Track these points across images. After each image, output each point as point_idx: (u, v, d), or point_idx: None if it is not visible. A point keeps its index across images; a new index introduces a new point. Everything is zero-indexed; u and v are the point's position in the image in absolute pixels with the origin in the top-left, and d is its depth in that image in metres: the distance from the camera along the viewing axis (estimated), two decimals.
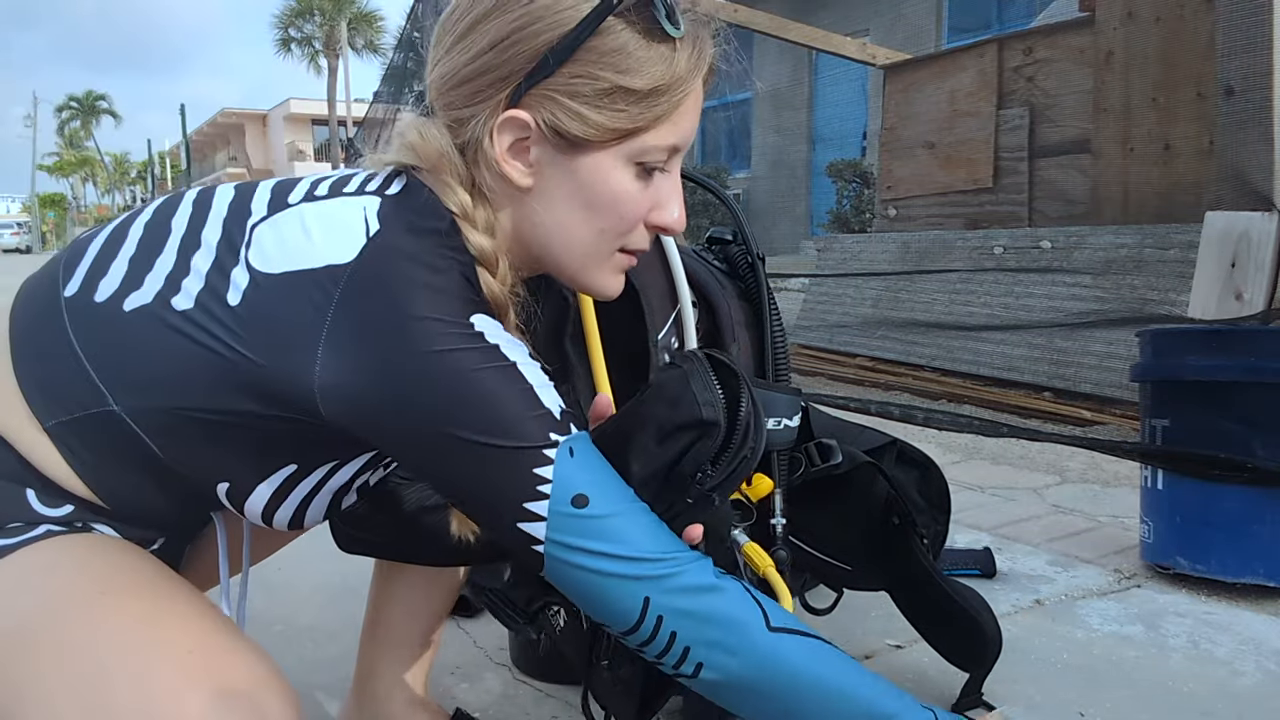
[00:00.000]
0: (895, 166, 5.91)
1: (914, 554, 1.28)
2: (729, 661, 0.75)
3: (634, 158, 0.79)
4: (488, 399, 0.71)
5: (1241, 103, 3.05)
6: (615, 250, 0.83)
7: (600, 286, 0.85)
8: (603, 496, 0.74)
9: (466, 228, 0.78)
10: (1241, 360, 1.75)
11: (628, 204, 0.80)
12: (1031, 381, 3.95)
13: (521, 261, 0.84)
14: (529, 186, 0.79)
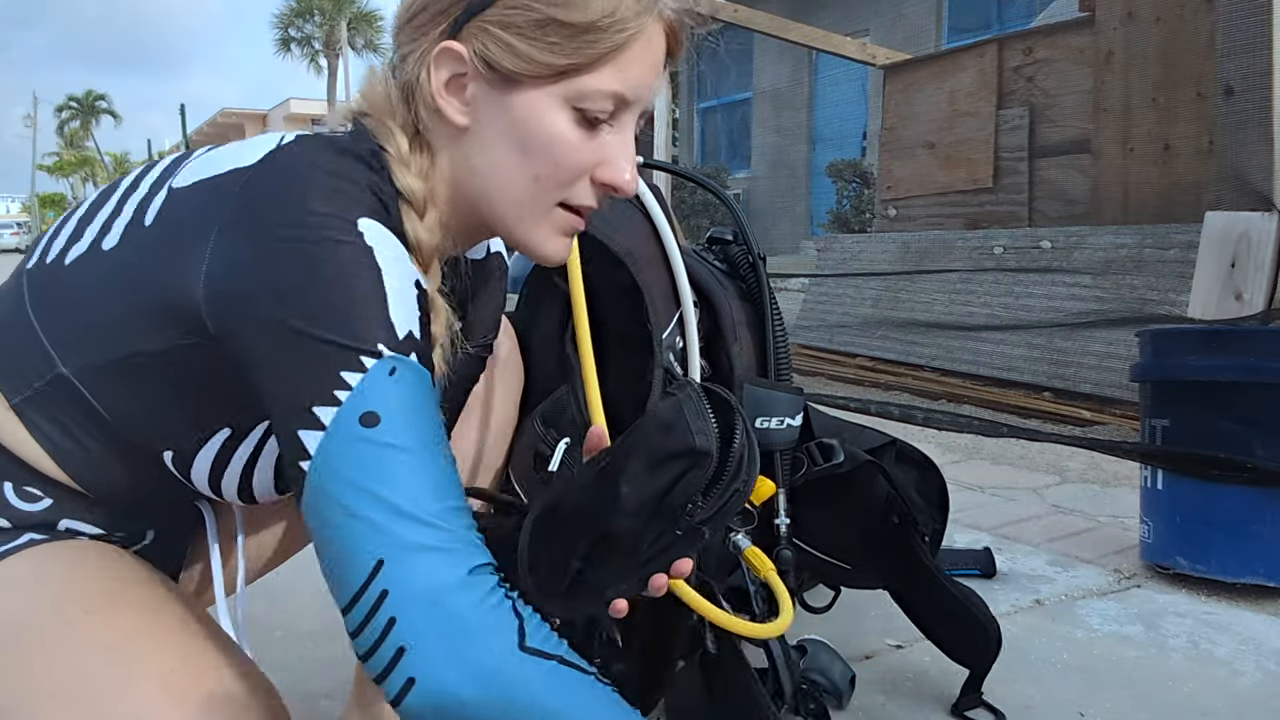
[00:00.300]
0: (895, 166, 5.91)
1: (914, 553, 1.28)
2: (450, 676, 0.60)
3: (572, 101, 0.74)
4: (331, 290, 0.66)
5: (1241, 103, 3.05)
6: (555, 204, 0.78)
7: (540, 246, 0.79)
8: (398, 426, 0.65)
9: (398, 167, 0.75)
10: (1241, 360, 1.75)
11: (564, 149, 0.75)
12: (1031, 381, 3.95)
13: (463, 215, 0.80)
14: (465, 125, 0.76)
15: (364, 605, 0.62)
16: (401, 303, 0.68)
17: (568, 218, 0.79)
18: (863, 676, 1.36)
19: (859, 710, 1.32)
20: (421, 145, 0.78)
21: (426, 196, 0.75)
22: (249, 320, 0.67)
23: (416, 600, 0.61)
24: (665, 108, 4.41)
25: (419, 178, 0.75)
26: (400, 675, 0.61)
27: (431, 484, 0.64)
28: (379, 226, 0.70)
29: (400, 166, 0.75)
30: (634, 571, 0.74)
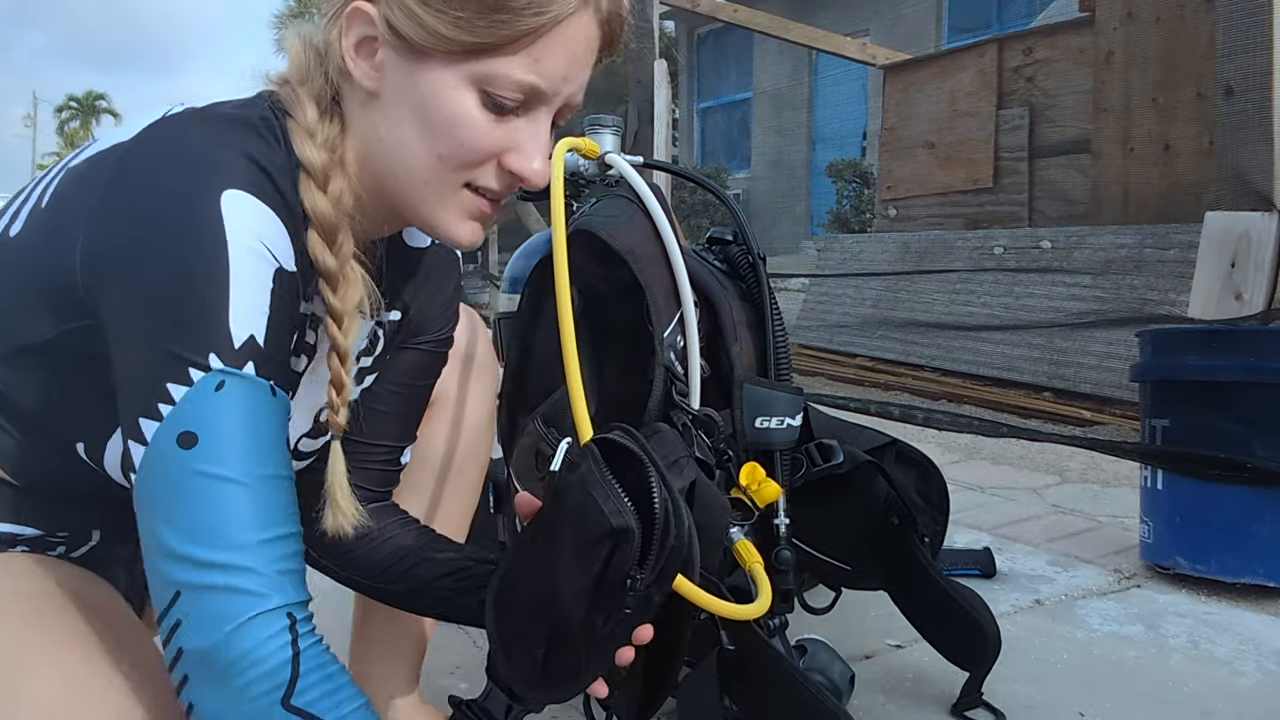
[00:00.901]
0: (895, 166, 5.91)
1: (914, 554, 1.28)
2: (215, 715, 0.61)
3: (479, 82, 0.71)
4: (171, 291, 0.64)
5: (1241, 103, 3.05)
6: (460, 186, 0.75)
7: (446, 228, 0.76)
8: (216, 449, 0.62)
9: (299, 136, 0.72)
10: (1241, 360, 1.75)
11: (467, 130, 0.72)
12: (1031, 381, 3.95)
13: (371, 188, 0.77)
14: (375, 91, 0.73)
15: (165, 628, 0.63)
16: (247, 301, 0.65)
17: (475, 201, 0.76)
18: (862, 676, 1.36)
19: (859, 710, 1.32)
20: (333, 113, 0.75)
21: (329, 166, 0.73)
22: (107, 311, 0.66)
23: (199, 638, 0.61)
24: (665, 108, 4.41)
25: (323, 148, 0.73)
26: (185, 699, 0.63)
27: (247, 514, 0.62)
28: (249, 201, 0.67)
29: (302, 136, 0.73)
30: (596, 654, 0.72)
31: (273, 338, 0.67)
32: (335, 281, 0.74)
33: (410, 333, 0.96)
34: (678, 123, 14.90)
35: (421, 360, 0.98)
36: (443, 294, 0.98)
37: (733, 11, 6.49)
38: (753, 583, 1.04)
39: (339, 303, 0.75)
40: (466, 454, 1.13)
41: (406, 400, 0.98)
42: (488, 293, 7.59)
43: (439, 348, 0.99)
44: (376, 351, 0.93)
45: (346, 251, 0.75)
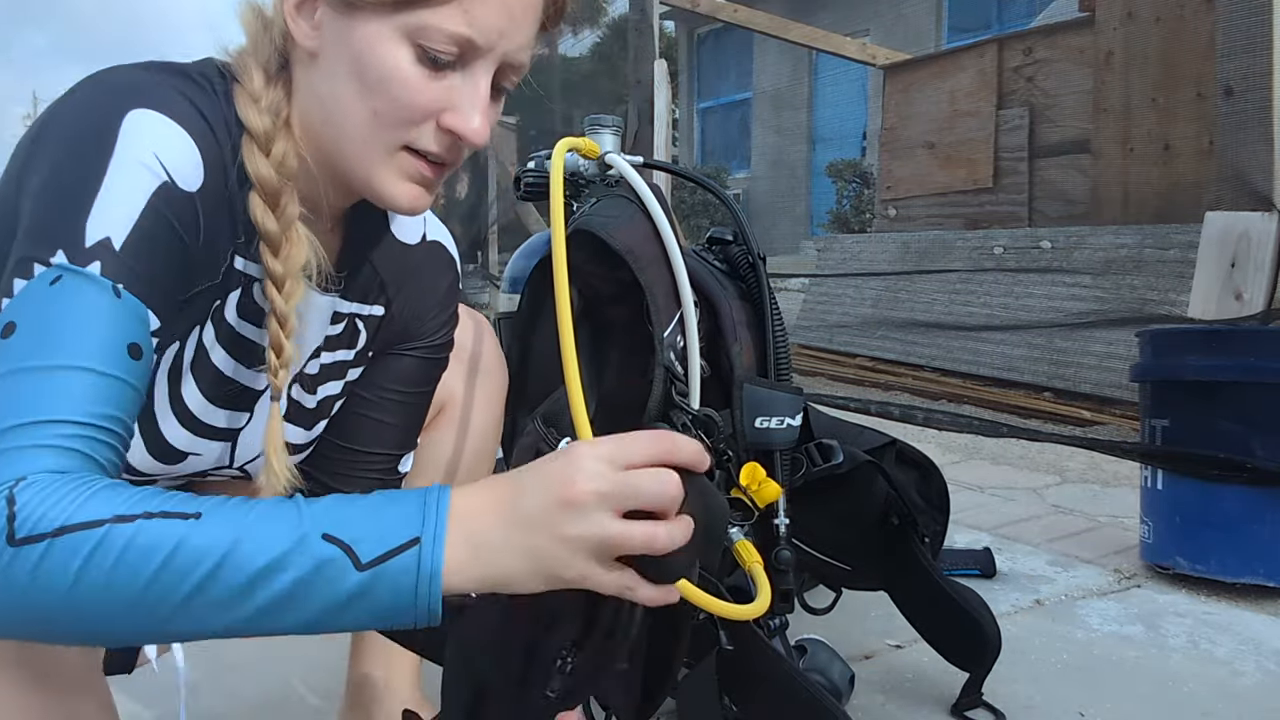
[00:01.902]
0: (895, 166, 5.91)
1: (914, 554, 1.28)
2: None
3: (412, 35, 0.70)
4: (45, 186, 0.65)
5: (1241, 103, 3.05)
6: (397, 146, 0.73)
7: (386, 190, 0.75)
8: (22, 344, 0.61)
9: (243, 101, 0.72)
10: (1241, 360, 1.75)
11: (400, 86, 0.70)
12: (1031, 381, 3.95)
13: (315, 152, 0.77)
14: (315, 51, 0.73)
15: None
16: (114, 207, 0.65)
17: (414, 163, 0.74)
18: (862, 676, 1.36)
19: (858, 710, 1.32)
20: (281, 78, 0.75)
21: (271, 130, 0.73)
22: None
23: None
24: (665, 108, 4.41)
25: (268, 112, 0.73)
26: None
27: (16, 404, 0.60)
28: (158, 119, 0.67)
29: (246, 101, 0.73)
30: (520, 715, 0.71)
31: (137, 247, 0.65)
32: (276, 244, 0.74)
33: (400, 335, 0.94)
34: (678, 123, 14.90)
35: (416, 366, 0.96)
36: (434, 295, 0.96)
37: (733, 11, 6.49)
38: (753, 583, 1.04)
39: (279, 265, 0.74)
40: (472, 460, 1.12)
41: (402, 407, 0.97)
42: (488, 293, 7.59)
43: (434, 354, 0.97)
44: (358, 345, 0.91)
45: (291, 214, 0.74)
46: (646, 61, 4.08)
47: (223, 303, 0.78)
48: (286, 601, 0.59)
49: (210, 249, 0.73)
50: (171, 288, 0.69)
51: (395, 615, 0.62)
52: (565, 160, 1.15)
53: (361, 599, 0.60)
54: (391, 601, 0.61)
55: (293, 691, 1.40)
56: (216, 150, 0.71)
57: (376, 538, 0.61)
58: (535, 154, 1.33)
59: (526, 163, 1.32)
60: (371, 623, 0.62)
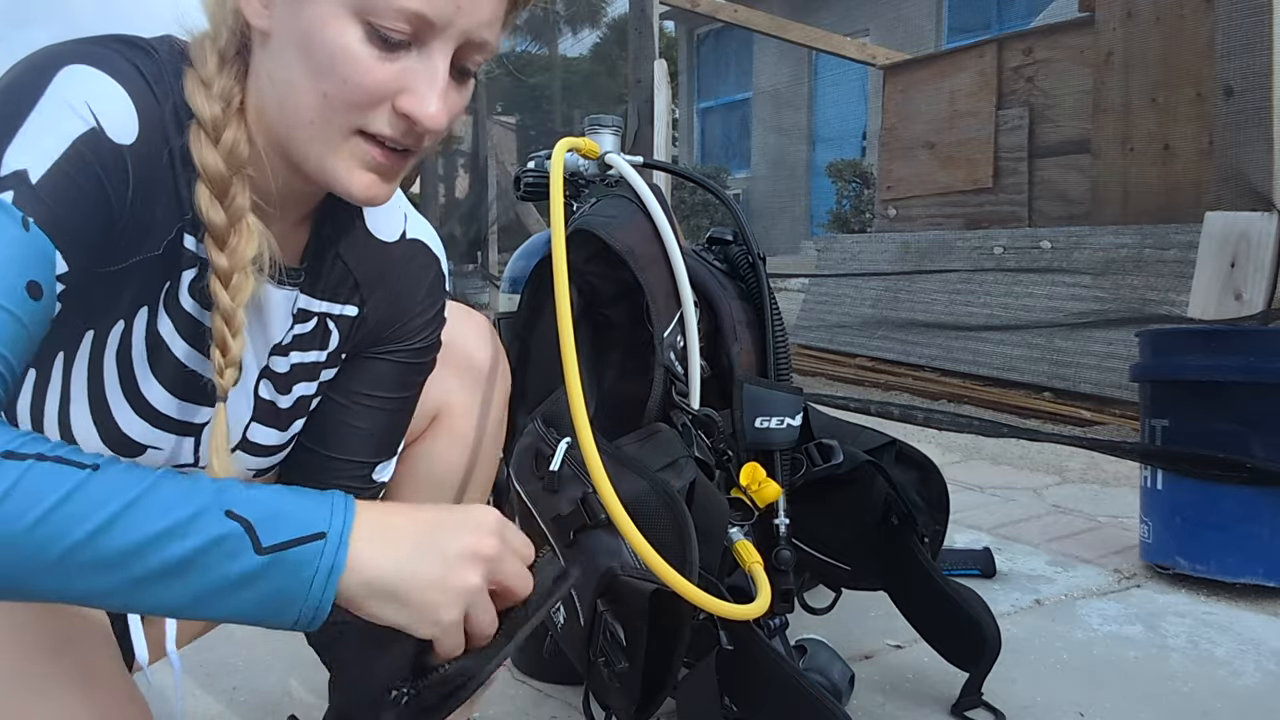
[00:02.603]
0: (895, 166, 5.91)
1: (913, 554, 1.28)
2: None
3: (361, 12, 0.66)
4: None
5: (1241, 103, 3.05)
6: (350, 131, 0.70)
7: (340, 178, 0.72)
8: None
9: (194, 89, 0.70)
10: (1241, 360, 1.75)
11: (350, 66, 0.67)
12: (1031, 381, 3.95)
13: (268, 137, 0.74)
14: (267, 31, 0.70)
15: None
16: (35, 142, 0.63)
17: (368, 149, 0.71)
18: (862, 676, 1.36)
19: (858, 710, 1.32)
20: (236, 63, 0.73)
21: (220, 118, 0.71)
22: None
23: None
24: (665, 108, 4.41)
25: (218, 99, 0.71)
26: None
27: None
28: (95, 74, 0.66)
29: (195, 86, 0.70)
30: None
31: (55, 184, 0.63)
32: (222, 236, 0.72)
33: (376, 337, 0.91)
34: (678, 123, 14.91)
35: (393, 371, 0.92)
36: (413, 296, 0.92)
37: (733, 11, 6.50)
38: (752, 583, 1.04)
39: (224, 259, 0.72)
40: (472, 470, 1.07)
41: (377, 413, 0.92)
42: (488, 293, 7.59)
43: (414, 358, 0.93)
44: (330, 346, 0.88)
45: (240, 205, 0.72)
46: (646, 61, 4.09)
47: (175, 285, 0.75)
48: (176, 571, 0.58)
49: (145, 214, 0.70)
50: (90, 238, 0.66)
51: (282, 608, 0.61)
52: (565, 160, 1.16)
53: (253, 583, 0.60)
54: (283, 592, 0.60)
55: (290, 693, 1.40)
56: (156, 110, 0.69)
57: (282, 524, 0.61)
58: (535, 154, 1.33)
59: (526, 163, 1.32)
60: (254, 612, 0.61)
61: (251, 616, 0.62)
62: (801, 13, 10.14)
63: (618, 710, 1.02)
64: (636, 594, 0.93)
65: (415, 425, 1.00)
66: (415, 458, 1.04)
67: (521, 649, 1.43)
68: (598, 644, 0.99)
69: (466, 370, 1.05)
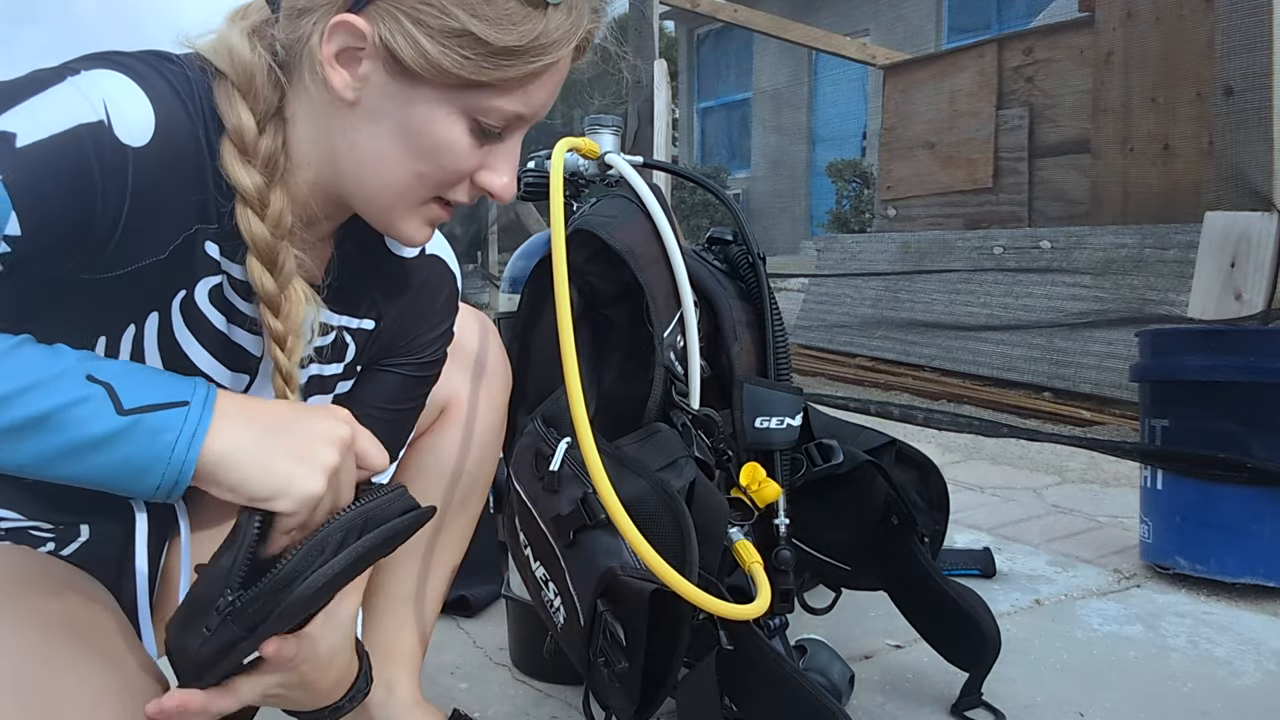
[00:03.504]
0: (895, 166, 5.91)
1: (913, 554, 1.28)
2: None
3: (471, 112, 0.72)
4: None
5: (1241, 103, 3.06)
6: (430, 199, 0.77)
7: (406, 233, 0.78)
8: None
9: (232, 160, 0.70)
10: (1241, 360, 1.75)
11: (452, 157, 0.73)
12: (1031, 381, 3.95)
13: (325, 187, 0.76)
14: (353, 101, 0.72)
15: None
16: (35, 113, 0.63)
17: (439, 211, 0.78)
18: (862, 676, 1.36)
19: (858, 710, 1.32)
20: (275, 121, 0.73)
21: (265, 190, 0.72)
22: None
23: None
24: (665, 108, 4.41)
25: (261, 170, 0.71)
26: None
27: None
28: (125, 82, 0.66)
29: (235, 161, 0.70)
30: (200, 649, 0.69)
31: (40, 156, 0.63)
32: (276, 304, 0.74)
33: (389, 350, 0.92)
34: (678, 123, 14.90)
35: (401, 384, 0.94)
36: (428, 311, 0.94)
37: (733, 11, 6.49)
38: (752, 583, 1.04)
39: (279, 324, 0.74)
40: (475, 464, 1.11)
41: (382, 424, 0.93)
42: (488, 293, 7.59)
43: (421, 371, 0.95)
44: (347, 358, 0.89)
45: (289, 271, 0.74)
46: (646, 61, 4.08)
47: (191, 292, 0.75)
48: (35, 427, 0.59)
49: (147, 219, 0.69)
50: (64, 222, 0.65)
51: (142, 472, 0.63)
52: (565, 160, 1.16)
53: (113, 444, 0.61)
54: (143, 456, 0.62)
55: None
56: (183, 122, 0.69)
57: (144, 390, 0.64)
58: (535, 154, 1.33)
59: (526, 163, 1.32)
60: (115, 475, 0.63)
61: (112, 480, 0.63)
62: (801, 13, 10.13)
63: (618, 710, 1.02)
64: (636, 594, 0.93)
65: (424, 418, 1.03)
66: (423, 450, 1.07)
67: (524, 650, 1.43)
68: (598, 644, 0.99)
69: (472, 366, 1.09)
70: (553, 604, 1.05)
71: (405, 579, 1.11)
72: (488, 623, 1.62)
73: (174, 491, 0.64)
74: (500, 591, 1.52)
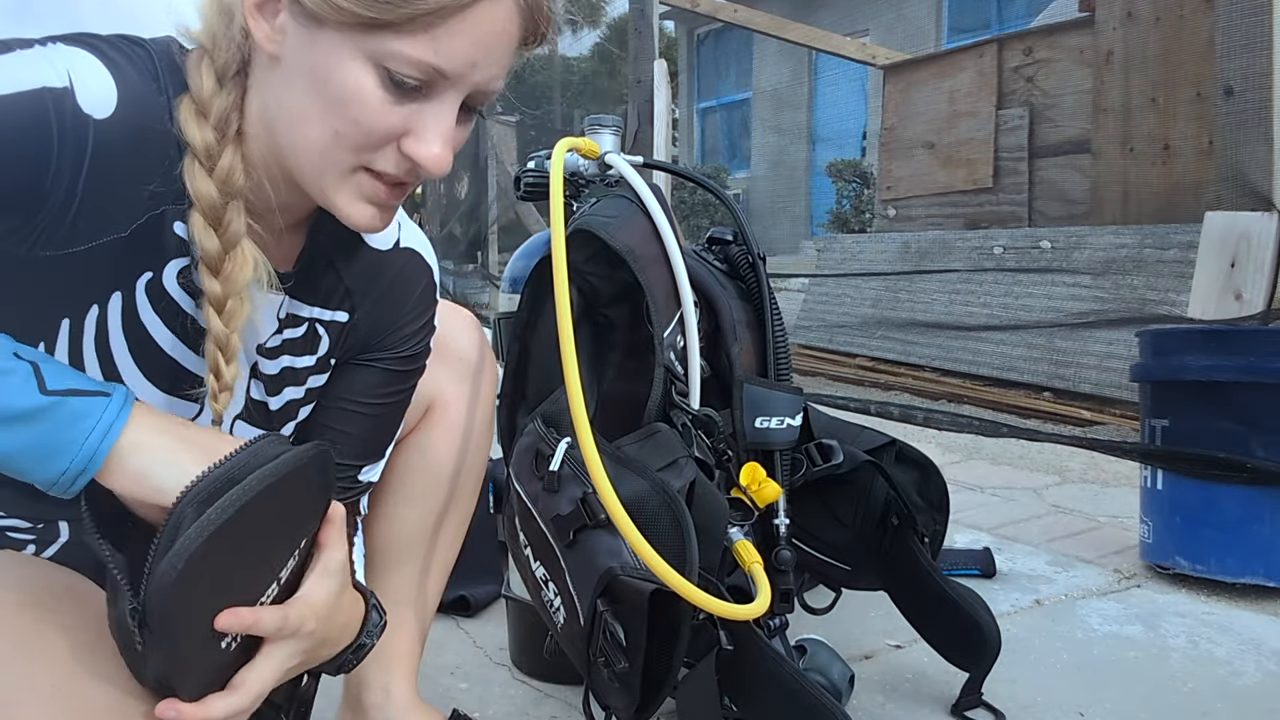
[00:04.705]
0: (895, 166, 5.91)
1: (914, 554, 1.28)
2: None
3: (377, 58, 0.67)
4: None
5: (1241, 103, 3.05)
6: (355, 167, 0.71)
7: (342, 207, 0.73)
8: None
9: (188, 112, 0.70)
10: (1240, 360, 1.75)
11: (361, 109, 0.68)
12: (1031, 381, 3.95)
13: (278, 165, 0.74)
14: (275, 55, 0.70)
15: None
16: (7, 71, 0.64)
17: (373, 185, 0.72)
18: (862, 676, 1.36)
19: (858, 710, 1.32)
20: (236, 81, 0.72)
21: (215, 146, 0.71)
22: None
23: None
24: (665, 108, 4.41)
25: (214, 126, 0.70)
26: None
27: None
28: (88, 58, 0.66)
29: (190, 116, 0.70)
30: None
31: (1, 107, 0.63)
32: (216, 263, 0.72)
33: (366, 344, 0.91)
34: (678, 123, 14.91)
35: (382, 379, 0.92)
36: (404, 304, 0.91)
37: (733, 11, 6.50)
38: (753, 583, 1.04)
39: (218, 285, 0.72)
40: (466, 460, 1.11)
41: (365, 419, 0.93)
42: (488, 293, 7.59)
43: (402, 365, 0.93)
44: (320, 351, 0.88)
45: (236, 230, 0.72)
46: (646, 61, 4.08)
47: (159, 273, 0.74)
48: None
49: (106, 194, 0.68)
50: (12, 180, 0.64)
51: (51, 456, 0.63)
52: (565, 160, 1.16)
53: (30, 422, 0.61)
54: (58, 437, 0.62)
55: None
56: (147, 98, 0.69)
57: (68, 377, 0.64)
58: (535, 154, 1.33)
59: (526, 163, 1.32)
60: (22, 453, 0.62)
61: (16, 458, 0.62)
62: (801, 13, 10.14)
63: (618, 710, 1.02)
64: (636, 594, 0.93)
65: (410, 417, 1.02)
66: (410, 448, 1.07)
67: (524, 650, 1.43)
68: (598, 644, 0.99)
69: (458, 363, 1.09)
70: (553, 604, 1.05)
71: (400, 580, 1.11)
72: (488, 623, 1.62)
73: (75, 482, 0.63)
74: (500, 591, 1.52)
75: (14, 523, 0.82)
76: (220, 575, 0.65)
